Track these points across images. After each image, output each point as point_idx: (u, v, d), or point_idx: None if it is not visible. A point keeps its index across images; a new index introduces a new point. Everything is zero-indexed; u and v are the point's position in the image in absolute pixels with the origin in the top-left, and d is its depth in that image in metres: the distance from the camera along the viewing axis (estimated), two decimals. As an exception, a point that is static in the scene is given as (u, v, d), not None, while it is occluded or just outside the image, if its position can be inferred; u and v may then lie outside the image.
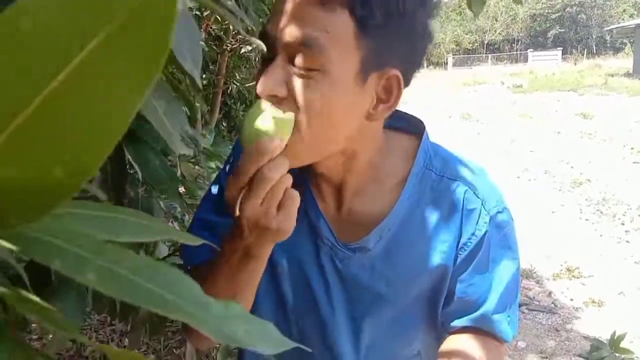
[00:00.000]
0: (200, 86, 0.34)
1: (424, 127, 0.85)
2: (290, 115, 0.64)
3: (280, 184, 0.63)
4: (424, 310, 0.87)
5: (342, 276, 0.85)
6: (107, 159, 0.82)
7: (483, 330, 0.84)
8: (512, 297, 0.85)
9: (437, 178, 0.83)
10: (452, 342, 0.85)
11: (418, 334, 0.89)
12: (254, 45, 4.50)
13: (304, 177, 0.84)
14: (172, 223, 1.16)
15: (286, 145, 0.65)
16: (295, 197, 0.65)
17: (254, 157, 0.62)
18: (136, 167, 0.72)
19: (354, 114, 0.70)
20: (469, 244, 0.81)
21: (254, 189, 0.63)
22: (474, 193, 0.82)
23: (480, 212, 0.81)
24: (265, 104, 0.64)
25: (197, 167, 1.37)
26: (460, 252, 0.82)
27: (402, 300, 0.85)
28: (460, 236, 0.81)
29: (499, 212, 0.82)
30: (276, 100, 0.66)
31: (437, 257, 0.82)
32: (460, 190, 0.82)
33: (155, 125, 0.36)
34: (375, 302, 0.85)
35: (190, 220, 1.00)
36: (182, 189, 1.34)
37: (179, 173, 1.24)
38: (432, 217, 0.82)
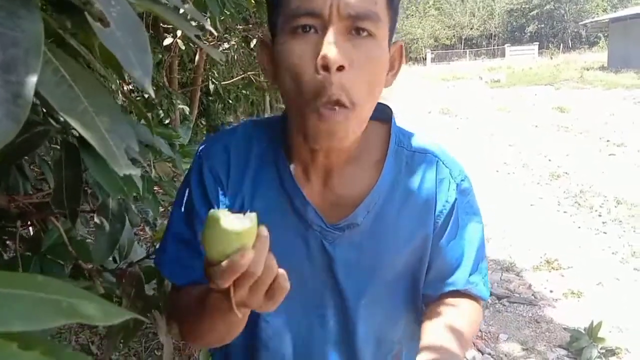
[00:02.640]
0: (153, 95, 0.32)
1: (392, 112, 0.92)
2: (252, 217, 0.60)
3: (266, 277, 0.62)
4: (408, 287, 0.92)
5: (332, 258, 0.86)
6: (63, 169, 0.80)
7: (462, 293, 0.92)
8: (482, 257, 0.93)
9: (410, 154, 0.90)
10: (435, 309, 0.90)
11: (402, 315, 0.93)
12: (232, 44, 4.47)
13: (286, 165, 0.85)
14: (144, 229, 1.13)
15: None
16: (285, 287, 0.64)
17: (228, 274, 0.59)
18: (93, 175, 0.70)
19: (384, 79, 0.80)
20: (443, 210, 0.88)
21: (238, 284, 0.61)
22: (443, 163, 0.90)
23: (449, 181, 0.90)
24: (221, 214, 0.59)
25: (173, 166, 1.34)
26: (437, 220, 0.89)
27: (389, 275, 0.89)
28: (435, 204, 0.88)
29: (462, 179, 0.91)
30: (340, 70, 0.70)
31: (419, 227, 0.88)
32: (430, 162, 0.90)
33: (94, 145, 0.33)
34: (366, 280, 0.88)
35: (161, 225, 0.98)
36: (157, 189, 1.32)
37: (153, 173, 1.21)
38: (411, 189, 0.88)
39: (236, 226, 0.58)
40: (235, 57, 4.80)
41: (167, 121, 3.63)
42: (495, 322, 3.48)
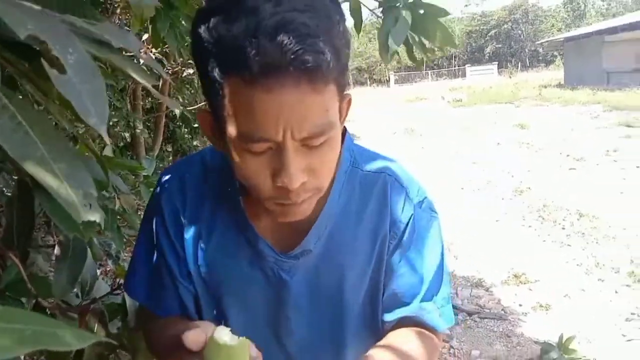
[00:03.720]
0: (108, 142, 0.32)
1: (346, 130, 0.89)
2: (245, 342, 0.62)
3: None
4: (367, 311, 0.90)
5: (289, 287, 0.86)
6: (14, 207, 0.79)
7: (416, 322, 0.88)
8: (438, 285, 0.89)
9: (364, 174, 0.88)
10: (387, 337, 0.87)
11: (363, 342, 0.90)
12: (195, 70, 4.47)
13: (236, 200, 0.85)
14: (107, 261, 1.11)
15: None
16: None
17: None
18: (50, 216, 0.69)
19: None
20: (397, 231, 0.86)
21: None
22: (398, 182, 0.88)
23: (405, 200, 0.87)
24: (217, 334, 0.61)
25: (137, 198, 1.32)
26: (391, 242, 0.86)
27: (351, 298, 0.87)
28: (390, 225, 0.86)
29: (420, 200, 0.89)
30: (301, 185, 0.69)
31: (373, 249, 0.86)
32: (385, 181, 0.87)
33: (52, 193, 0.33)
34: (327, 306, 0.87)
35: (126, 258, 0.98)
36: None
37: (117, 205, 1.19)
38: (364, 211, 0.87)
39: (232, 341, 0.61)
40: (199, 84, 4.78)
41: (122, 143, 3.60)
42: (467, 339, 3.50)
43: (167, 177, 0.91)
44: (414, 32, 1.36)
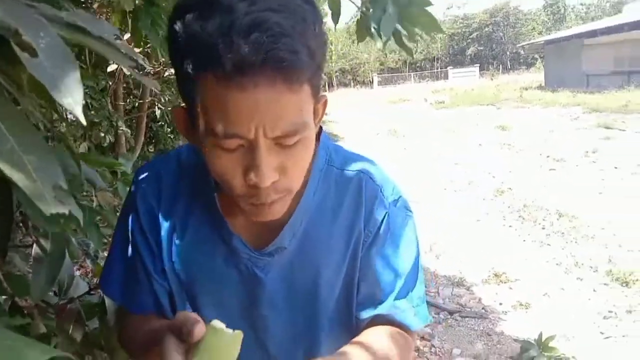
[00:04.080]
0: (84, 123, 0.32)
1: (321, 129, 0.89)
2: (240, 334, 0.62)
3: None
4: (342, 309, 0.90)
5: (263, 284, 0.86)
6: None
7: (390, 320, 0.88)
8: (413, 283, 0.89)
9: (339, 172, 0.89)
10: (360, 335, 0.86)
11: (335, 340, 0.89)
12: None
13: (211, 197, 0.85)
14: (85, 261, 1.10)
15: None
16: None
17: None
18: (26, 212, 0.68)
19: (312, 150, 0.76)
20: (372, 229, 0.87)
21: None
22: (373, 181, 0.88)
23: (378, 198, 0.88)
24: (215, 322, 0.61)
25: (115, 196, 1.31)
26: (366, 239, 0.87)
27: (326, 296, 0.87)
28: (364, 222, 0.87)
29: (395, 199, 0.89)
30: (272, 185, 0.69)
31: (348, 247, 0.86)
32: (360, 180, 0.88)
33: (21, 186, 0.32)
34: (302, 303, 0.87)
35: (103, 258, 0.97)
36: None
37: (95, 203, 1.18)
38: (339, 209, 0.87)
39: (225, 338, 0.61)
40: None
41: (105, 144, 3.56)
42: (448, 338, 3.53)
43: (142, 175, 0.91)
44: (399, 21, 1.39)
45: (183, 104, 0.74)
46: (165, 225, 0.87)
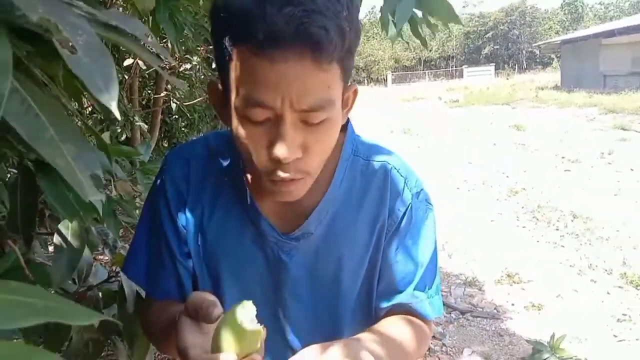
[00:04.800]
0: (119, 118, 0.34)
1: (349, 120, 0.91)
2: (260, 331, 0.62)
3: None
4: (362, 299, 0.91)
5: (288, 268, 0.87)
6: (19, 193, 0.80)
7: (408, 310, 0.91)
8: (432, 276, 0.93)
9: (365, 163, 0.91)
10: (378, 323, 0.89)
11: (349, 326, 0.91)
12: (194, 63, 4.46)
13: (240, 179, 0.87)
14: (104, 250, 1.12)
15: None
16: None
17: None
18: (49, 200, 0.70)
19: (337, 135, 0.78)
20: (395, 219, 0.89)
21: None
22: (398, 172, 0.91)
23: (403, 189, 0.90)
24: (240, 313, 0.61)
25: (134, 185, 1.33)
26: (389, 229, 0.89)
27: (348, 284, 0.89)
28: (388, 213, 0.89)
29: (418, 192, 0.92)
30: (293, 162, 0.71)
31: (372, 237, 0.89)
32: (386, 171, 0.91)
33: (61, 172, 0.34)
34: (324, 290, 0.89)
35: (123, 246, 0.99)
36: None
37: (114, 192, 1.20)
38: (365, 198, 0.89)
39: (246, 323, 0.60)
40: (198, 77, 4.78)
41: (122, 137, 3.60)
42: (459, 337, 3.52)
43: (171, 160, 0.93)
44: (417, 8, 1.38)
45: (216, 78, 0.77)
46: (193, 208, 0.89)
